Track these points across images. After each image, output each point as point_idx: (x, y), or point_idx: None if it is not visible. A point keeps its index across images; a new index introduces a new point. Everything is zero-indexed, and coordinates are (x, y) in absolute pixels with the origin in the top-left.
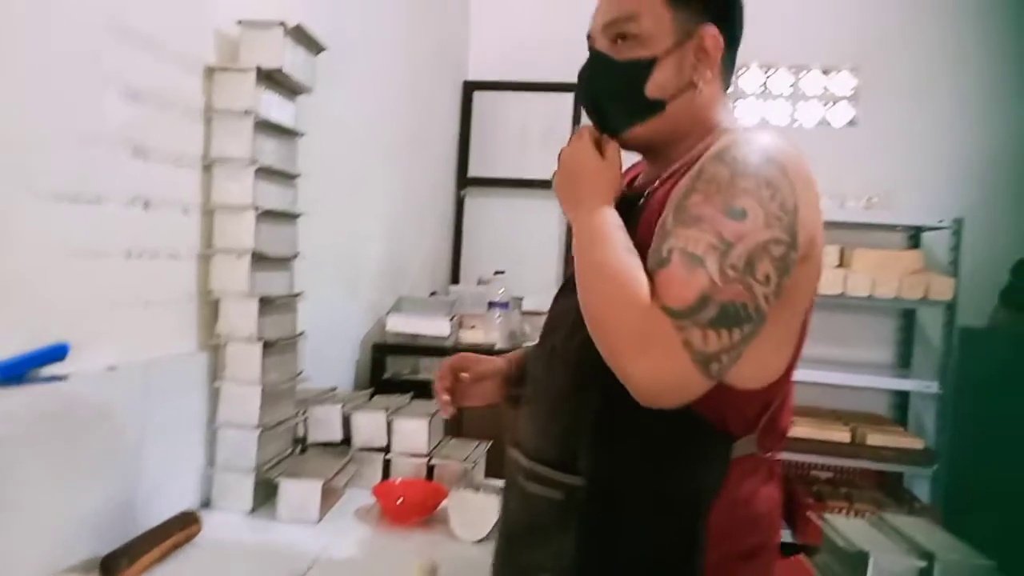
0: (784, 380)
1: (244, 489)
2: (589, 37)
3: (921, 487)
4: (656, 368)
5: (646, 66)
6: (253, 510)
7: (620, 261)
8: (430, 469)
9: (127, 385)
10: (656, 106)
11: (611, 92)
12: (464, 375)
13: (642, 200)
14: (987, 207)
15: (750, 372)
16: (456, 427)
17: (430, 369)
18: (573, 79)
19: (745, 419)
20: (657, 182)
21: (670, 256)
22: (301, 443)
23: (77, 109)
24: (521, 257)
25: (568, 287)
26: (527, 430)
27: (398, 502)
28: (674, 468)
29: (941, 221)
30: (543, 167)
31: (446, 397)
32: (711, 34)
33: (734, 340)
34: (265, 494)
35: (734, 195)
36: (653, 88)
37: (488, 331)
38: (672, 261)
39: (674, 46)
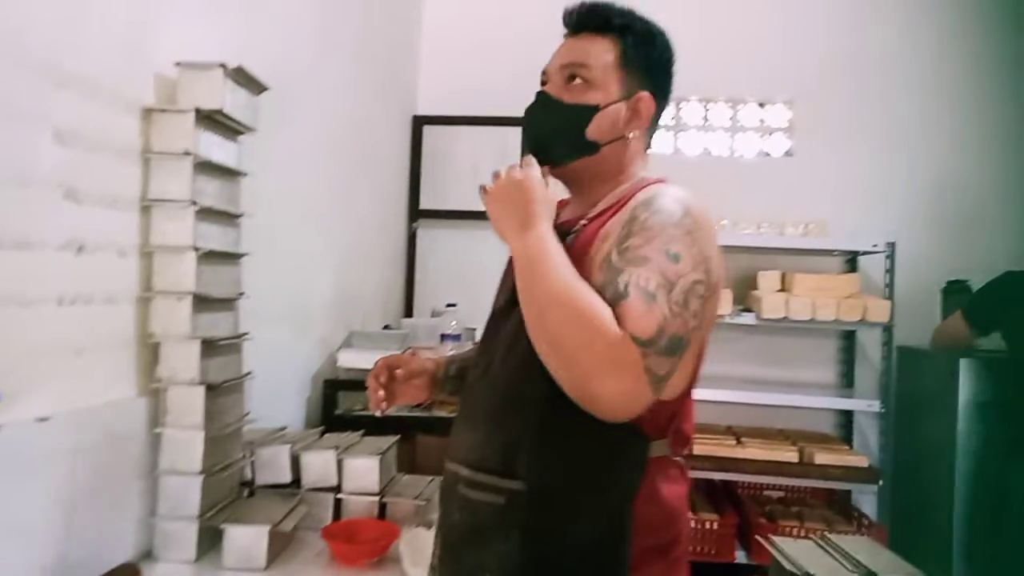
0: (687, 392)
1: (187, 538)
2: (544, 73)
3: (869, 504)
4: (624, 390)
5: (590, 111)
6: (197, 559)
7: (579, 289)
8: (382, 507)
9: (60, 435)
10: (592, 147)
11: (556, 128)
12: (398, 371)
13: (571, 236)
14: (918, 231)
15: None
16: (409, 463)
17: None
18: (521, 114)
19: (658, 425)
20: (586, 219)
21: (627, 290)
22: (248, 486)
23: (4, 151)
24: (474, 288)
25: (504, 311)
26: (467, 443)
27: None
28: (603, 469)
29: (875, 245)
30: None
31: (380, 394)
32: (646, 99)
33: (675, 365)
34: (210, 542)
35: (669, 240)
36: (593, 131)
37: None
38: (631, 295)
39: (616, 100)
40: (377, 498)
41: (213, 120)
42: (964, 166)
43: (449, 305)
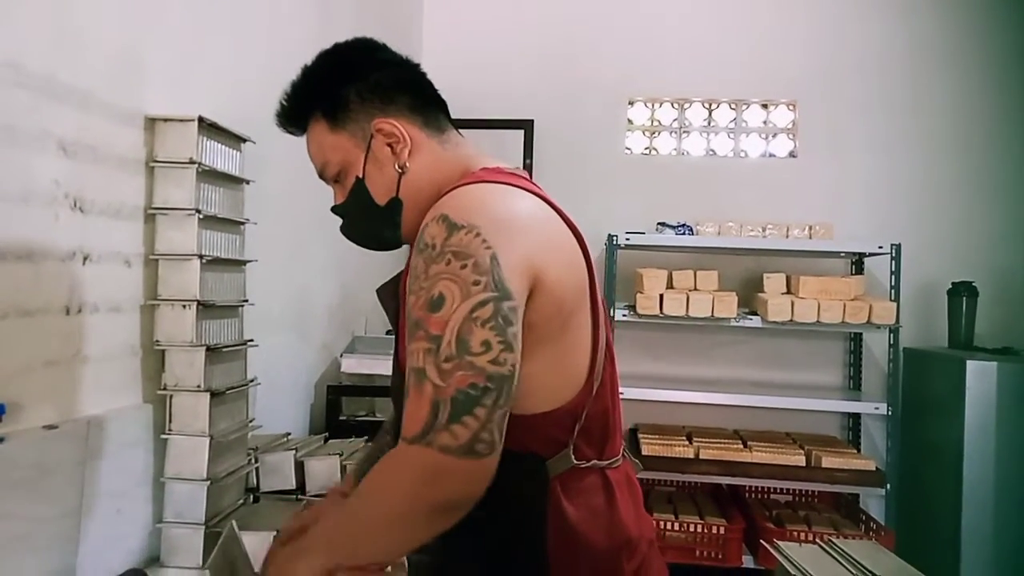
0: (582, 398)
1: (194, 544)
2: None
3: (877, 507)
4: (445, 488)
5: (360, 187)
6: (204, 565)
7: (357, 512)
8: None
9: (67, 444)
10: (394, 205)
11: (362, 223)
12: None
13: None
14: (923, 233)
15: (532, 400)
16: None
17: (385, 409)
18: (520, 116)
19: (548, 439)
20: None
21: (408, 381)
22: (253, 493)
23: (10, 166)
24: None
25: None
26: None
27: None
28: (496, 503)
29: (880, 247)
30: None
31: None
32: (379, 126)
33: (483, 417)
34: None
35: (431, 285)
36: (379, 196)
37: None
38: (409, 388)
39: (366, 155)
40: None
41: (216, 129)
42: (969, 167)
43: None
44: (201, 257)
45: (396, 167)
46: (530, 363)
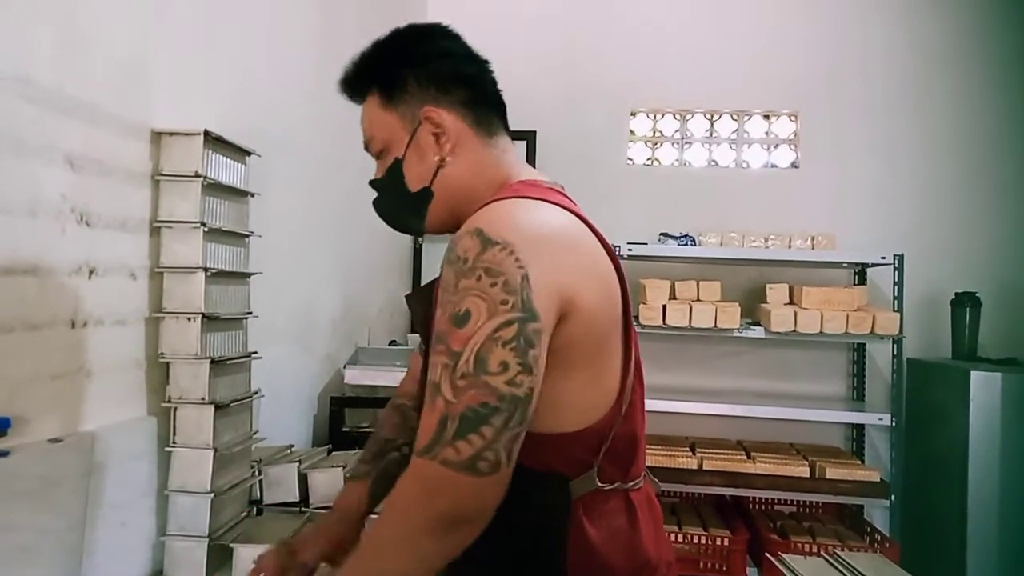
0: (610, 418)
1: (198, 557)
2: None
3: (882, 518)
4: (446, 500)
5: (396, 168)
6: None
7: (373, 533)
8: None
9: (72, 456)
10: (424, 195)
11: (390, 203)
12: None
13: None
14: (926, 243)
15: (559, 419)
16: None
17: None
18: (523, 127)
19: (573, 460)
20: None
21: (426, 393)
22: (257, 505)
23: (17, 180)
24: None
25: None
26: None
27: None
28: (517, 522)
29: (883, 258)
30: None
31: None
32: (428, 114)
33: (489, 436)
34: (220, 560)
35: (459, 300)
36: (412, 182)
37: None
38: (426, 401)
39: (409, 140)
40: None
41: (221, 142)
42: (972, 177)
43: None
44: (206, 270)
45: (436, 158)
46: (562, 383)
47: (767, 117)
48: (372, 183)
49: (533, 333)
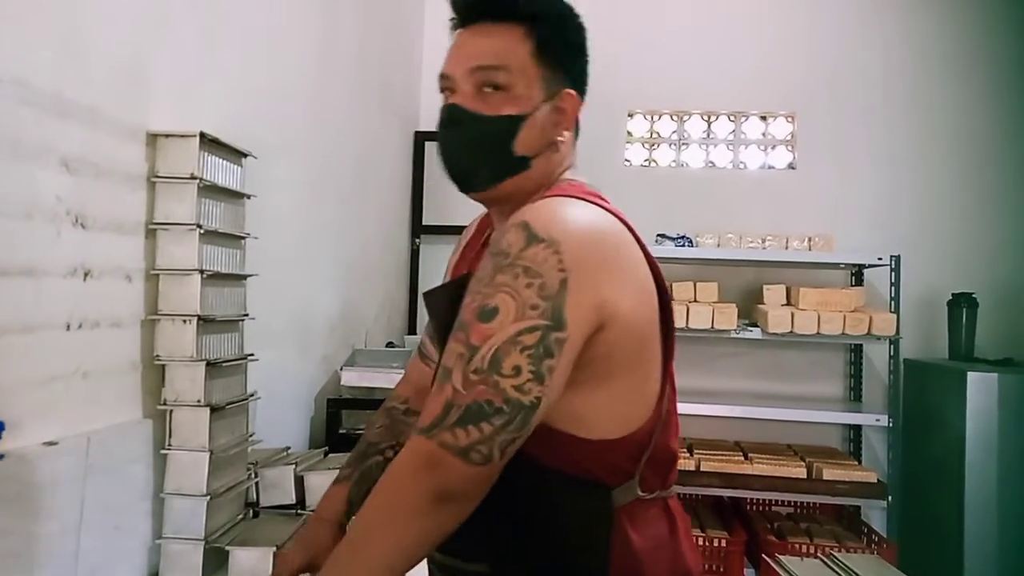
0: (651, 425)
1: (194, 560)
2: (445, 77)
3: (879, 519)
4: (439, 475)
5: (516, 122)
6: None
7: (368, 507)
8: None
9: (67, 460)
10: (522, 163)
11: (479, 148)
12: None
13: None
14: (923, 244)
15: (600, 425)
16: None
17: None
18: None
19: (615, 468)
20: None
21: (437, 374)
22: (253, 507)
23: (13, 181)
24: None
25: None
26: None
27: None
28: (562, 536)
29: (880, 259)
30: None
31: None
32: (572, 97)
33: (487, 432)
34: (216, 563)
35: (491, 294)
36: (521, 145)
37: None
38: (435, 382)
39: (541, 104)
40: None
41: (217, 144)
42: (969, 178)
43: None
44: (202, 272)
45: (554, 138)
46: (603, 391)
47: (764, 118)
48: (458, 111)
49: (555, 343)
